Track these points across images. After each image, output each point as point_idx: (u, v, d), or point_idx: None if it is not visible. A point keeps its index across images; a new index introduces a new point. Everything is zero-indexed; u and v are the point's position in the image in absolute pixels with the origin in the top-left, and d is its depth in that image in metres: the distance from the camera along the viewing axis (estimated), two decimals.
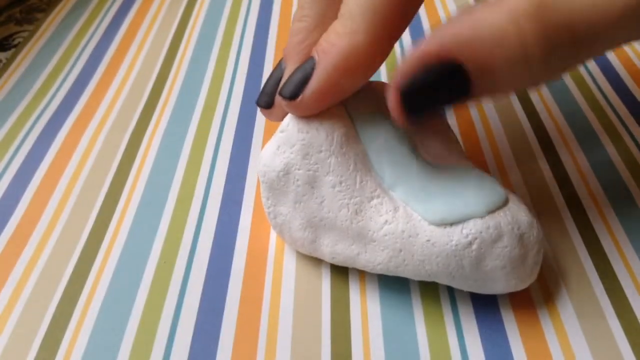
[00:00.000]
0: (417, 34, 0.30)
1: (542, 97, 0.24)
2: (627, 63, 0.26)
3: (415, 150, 0.16)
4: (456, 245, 0.15)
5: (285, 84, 0.16)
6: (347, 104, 0.17)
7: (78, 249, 0.19)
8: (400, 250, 0.15)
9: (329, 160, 0.16)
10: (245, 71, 0.27)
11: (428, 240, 0.15)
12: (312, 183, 0.16)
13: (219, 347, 0.16)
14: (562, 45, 0.13)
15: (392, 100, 0.14)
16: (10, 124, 0.25)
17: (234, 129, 0.24)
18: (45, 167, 0.23)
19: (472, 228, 0.15)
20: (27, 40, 0.32)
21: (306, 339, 0.16)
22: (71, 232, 0.20)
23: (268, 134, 0.24)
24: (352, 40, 0.15)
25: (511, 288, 0.16)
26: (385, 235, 0.15)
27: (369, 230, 0.16)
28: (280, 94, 0.16)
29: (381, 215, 0.15)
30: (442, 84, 0.14)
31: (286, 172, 0.16)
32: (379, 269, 0.16)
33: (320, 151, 0.16)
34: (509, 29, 0.13)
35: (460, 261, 0.15)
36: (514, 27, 0.13)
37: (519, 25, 0.13)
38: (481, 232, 0.15)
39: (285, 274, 0.18)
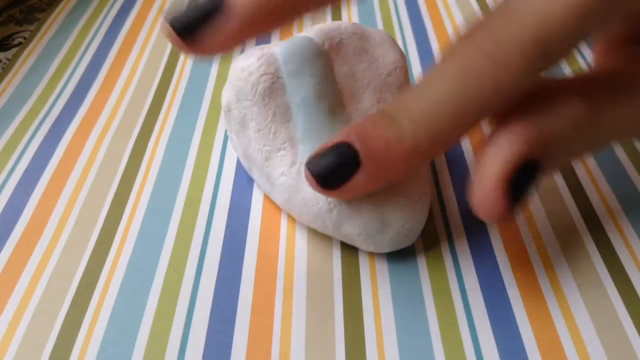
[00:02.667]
0: (421, 37, 0.29)
1: None
2: None
3: (337, 109, 0.18)
4: (320, 209, 0.17)
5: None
6: (282, 57, 0.18)
7: (85, 258, 0.19)
8: (288, 200, 0.18)
9: (252, 109, 0.18)
10: None
11: (303, 199, 0.17)
12: (243, 124, 0.18)
13: (232, 356, 0.16)
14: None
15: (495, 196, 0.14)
16: (12, 130, 0.25)
17: None
18: (50, 174, 0.23)
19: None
20: (27, 43, 0.31)
21: (320, 347, 0.16)
22: (77, 241, 0.20)
23: None
24: None
25: (373, 250, 0.18)
26: (281, 184, 0.18)
27: (272, 176, 0.18)
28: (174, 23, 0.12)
29: (281, 167, 0.18)
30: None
31: (228, 108, 0.19)
32: (281, 207, 0.19)
33: (247, 99, 0.18)
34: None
35: (324, 222, 0.17)
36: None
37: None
38: (341, 203, 0.17)
39: (297, 279, 0.18)
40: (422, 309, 0.17)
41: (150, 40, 0.30)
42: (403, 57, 0.19)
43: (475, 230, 0.19)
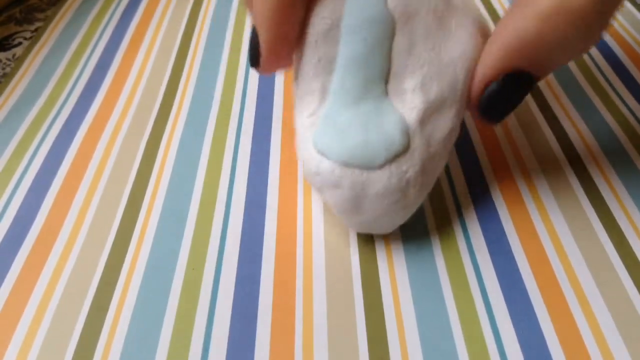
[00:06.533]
0: None
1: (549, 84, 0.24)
2: (628, 50, 0.26)
3: (376, 81, 0.17)
4: (309, 169, 0.17)
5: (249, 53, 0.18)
6: (348, 9, 0.18)
7: (103, 259, 0.19)
8: (297, 144, 0.18)
9: (305, 47, 0.18)
10: None
11: (307, 151, 0.18)
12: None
13: (255, 354, 0.16)
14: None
15: (474, 115, 0.18)
16: (23, 131, 0.25)
17: (251, 129, 0.24)
18: (63, 175, 0.22)
19: (323, 166, 0.17)
20: (32, 44, 0.31)
21: (342, 343, 0.16)
22: (94, 242, 0.20)
23: (286, 132, 0.23)
24: None
25: (351, 226, 0.18)
26: (297, 129, 0.18)
27: (295, 113, 0.19)
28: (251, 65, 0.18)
29: (303, 110, 0.18)
30: (513, 90, 0.17)
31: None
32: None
33: (306, 37, 0.18)
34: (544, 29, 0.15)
35: (314, 182, 0.18)
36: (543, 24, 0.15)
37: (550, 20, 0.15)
38: (324, 172, 0.17)
39: (316, 277, 0.18)
40: (442, 302, 0.17)
41: (157, 38, 0.30)
42: (475, 50, 0.18)
43: (491, 224, 0.19)
